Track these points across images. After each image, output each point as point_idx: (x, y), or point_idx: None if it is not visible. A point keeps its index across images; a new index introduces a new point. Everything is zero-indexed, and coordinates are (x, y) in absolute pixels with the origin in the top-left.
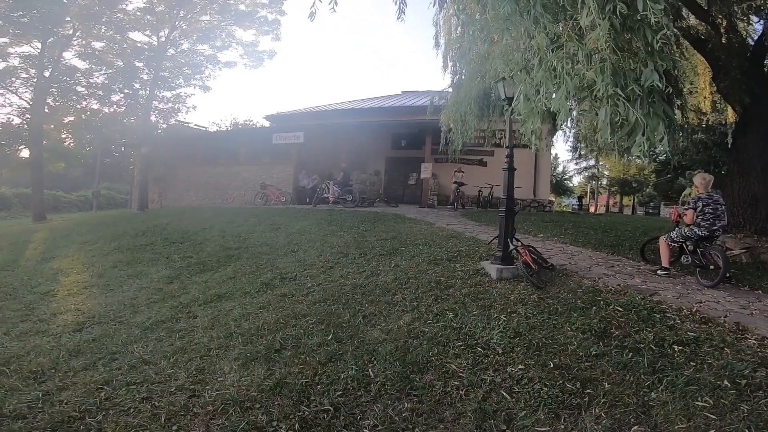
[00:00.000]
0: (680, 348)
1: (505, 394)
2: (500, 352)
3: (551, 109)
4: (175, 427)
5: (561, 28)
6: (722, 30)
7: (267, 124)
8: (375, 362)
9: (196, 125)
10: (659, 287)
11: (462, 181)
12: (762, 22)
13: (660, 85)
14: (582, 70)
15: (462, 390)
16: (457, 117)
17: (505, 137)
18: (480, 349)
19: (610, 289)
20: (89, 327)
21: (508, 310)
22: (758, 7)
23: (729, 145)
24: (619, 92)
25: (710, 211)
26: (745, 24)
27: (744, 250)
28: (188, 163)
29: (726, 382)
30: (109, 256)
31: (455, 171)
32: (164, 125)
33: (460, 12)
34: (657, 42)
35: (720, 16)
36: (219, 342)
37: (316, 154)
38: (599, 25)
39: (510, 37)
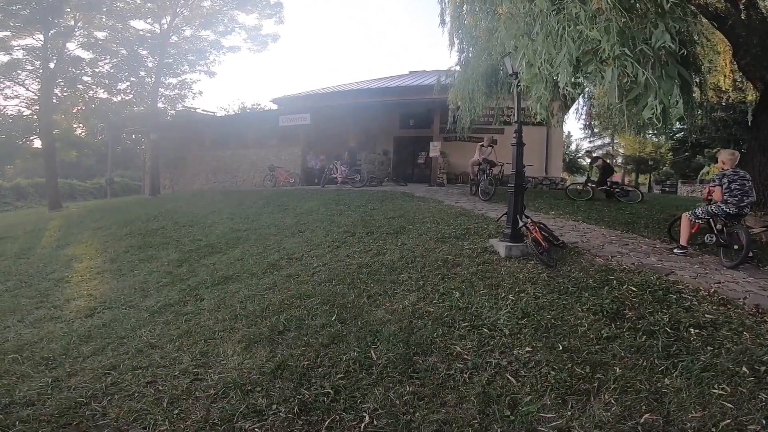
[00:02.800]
0: (697, 331)
1: (510, 377)
2: (507, 333)
3: (554, 74)
4: (176, 411)
5: None
6: (741, 6)
7: (275, 107)
8: (378, 344)
9: (203, 110)
10: (676, 266)
11: (493, 160)
12: None
13: (672, 45)
14: (585, 30)
15: (466, 373)
16: (465, 95)
17: (513, 114)
18: (486, 330)
19: (624, 268)
20: (100, 312)
21: (517, 289)
22: None
23: (749, 123)
24: (627, 52)
25: (737, 187)
26: (764, 1)
27: (764, 229)
28: (198, 147)
29: (744, 369)
30: (122, 242)
31: (481, 145)
32: (172, 112)
33: None
34: (668, 1)
35: None
36: (224, 324)
37: (324, 136)
38: None
39: (510, 2)
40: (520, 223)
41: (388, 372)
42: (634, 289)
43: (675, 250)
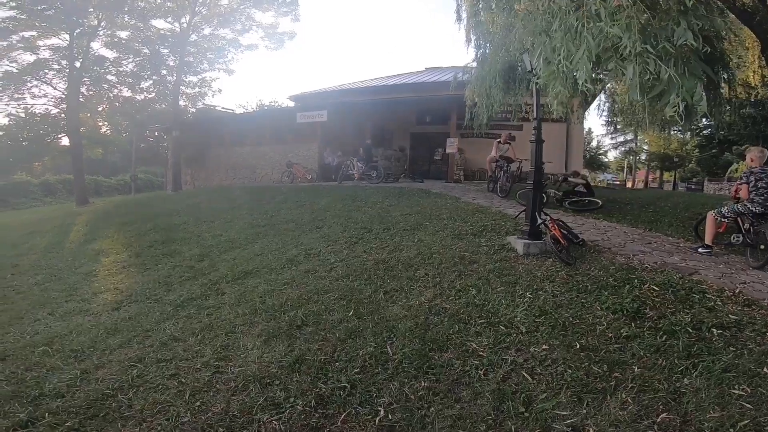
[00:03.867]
0: (719, 332)
1: (526, 375)
2: (523, 331)
3: (573, 71)
4: (198, 403)
5: None
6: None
7: (292, 104)
8: (394, 339)
9: (223, 108)
10: (700, 266)
11: (510, 156)
12: None
13: (694, 43)
14: (605, 27)
15: (481, 370)
16: (482, 91)
17: (532, 111)
18: (502, 328)
19: (646, 267)
20: (126, 305)
21: (534, 287)
22: None
23: None
24: (649, 49)
25: (764, 185)
26: None
27: None
28: (218, 144)
29: (766, 370)
30: (146, 236)
31: (498, 142)
32: (193, 109)
33: None
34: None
35: None
36: (244, 318)
37: (341, 132)
38: None
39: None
40: (539, 221)
41: (403, 367)
42: (656, 288)
43: (699, 249)
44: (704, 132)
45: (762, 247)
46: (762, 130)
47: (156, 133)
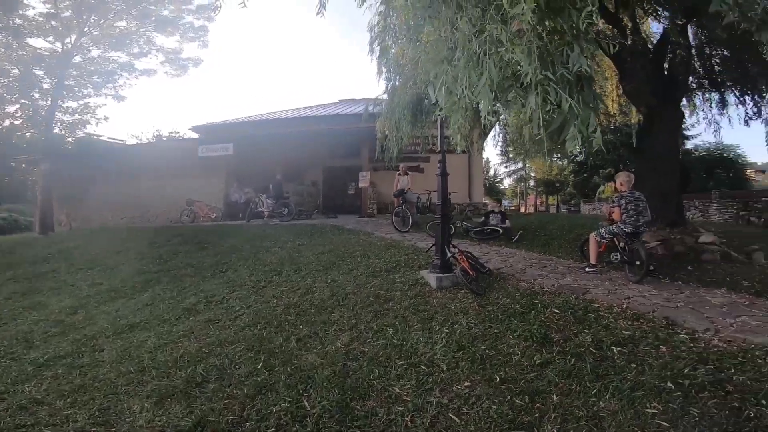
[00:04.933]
0: (618, 349)
1: (453, 416)
2: (445, 368)
3: (474, 102)
4: None
5: (483, 13)
6: (628, 32)
7: (195, 135)
8: (311, 391)
9: (110, 138)
10: (589, 285)
11: (402, 188)
12: (661, 25)
13: (588, 70)
14: (506, 54)
15: (407, 416)
16: (392, 124)
17: (437, 143)
18: (424, 368)
19: (546, 291)
20: None
21: (450, 320)
22: (656, 11)
23: (634, 145)
24: (549, 76)
25: (632, 207)
26: (647, 27)
27: (659, 243)
28: (103, 179)
29: (669, 384)
30: (2, 287)
31: (398, 174)
32: (71, 139)
33: (389, 10)
34: (583, 22)
35: (626, 18)
36: (129, 377)
37: (250, 167)
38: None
39: (432, 27)
40: (449, 254)
41: (324, 422)
42: (557, 311)
43: (587, 269)
44: (578, 158)
45: (638, 263)
46: (621, 155)
47: (23, 165)
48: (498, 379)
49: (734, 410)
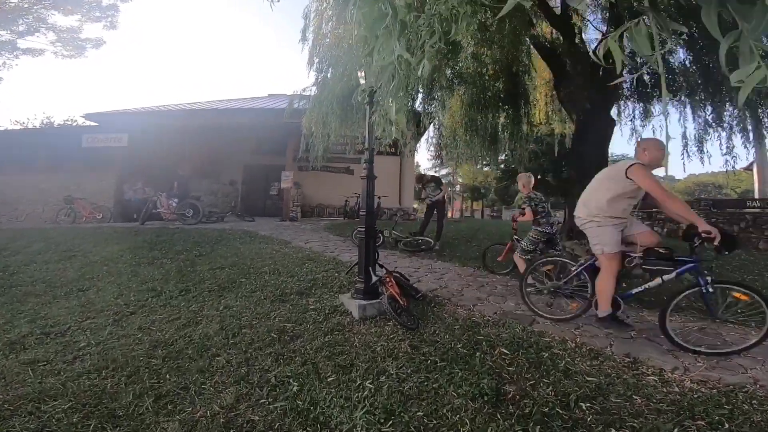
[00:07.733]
0: (588, 405)
1: None
2: None
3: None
4: None
5: None
6: (570, 36)
7: (94, 124)
8: None
9: None
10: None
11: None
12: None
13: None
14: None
15: None
16: (319, 119)
17: (365, 140)
18: None
19: (488, 320)
20: None
21: (375, 369)
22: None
23: (555, 155)
24: None
25: (542, 209)
26: (584, 31)
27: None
28: None
29: None
30: None
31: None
32: None
33: None
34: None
35: (575, 18)
36: None
37: (153, 161)
38: None
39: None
40: (374, 278)
41: None
42: (506, 352)
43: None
44: (502, 166)
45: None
46: (542, 164)
47: None
48: None
49: None
